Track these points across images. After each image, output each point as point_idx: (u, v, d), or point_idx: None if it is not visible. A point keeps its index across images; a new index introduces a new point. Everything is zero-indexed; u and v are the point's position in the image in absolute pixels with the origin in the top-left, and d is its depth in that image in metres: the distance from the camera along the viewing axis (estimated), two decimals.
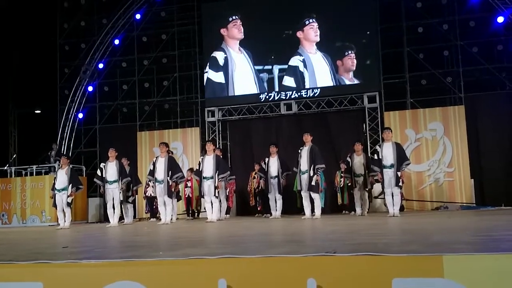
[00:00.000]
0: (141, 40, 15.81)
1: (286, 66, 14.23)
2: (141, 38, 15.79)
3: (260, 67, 14.48)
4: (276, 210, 10.81)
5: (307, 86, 14.03)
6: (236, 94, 14.61)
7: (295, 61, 14.16)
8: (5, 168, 14.90)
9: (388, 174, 9.17)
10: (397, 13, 13.99)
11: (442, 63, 13.97)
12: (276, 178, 10.79)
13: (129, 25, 15.72)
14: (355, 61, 13.71)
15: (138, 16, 15.56)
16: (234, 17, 14.69)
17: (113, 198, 10.62)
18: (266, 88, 14.37)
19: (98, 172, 10.93)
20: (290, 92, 14.13)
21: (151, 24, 15.76)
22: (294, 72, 14.15)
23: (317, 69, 14.06)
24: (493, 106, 13.09)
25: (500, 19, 13.05)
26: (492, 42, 13.54)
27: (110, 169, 10.68)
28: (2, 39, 15.95)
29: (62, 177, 10.61)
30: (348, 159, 10.86)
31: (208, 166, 10.05)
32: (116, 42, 15.76)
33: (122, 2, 15.62)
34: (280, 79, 14.27)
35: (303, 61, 14.11)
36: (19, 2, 16.07)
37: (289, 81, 14.21)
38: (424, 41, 13.82)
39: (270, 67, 14.43)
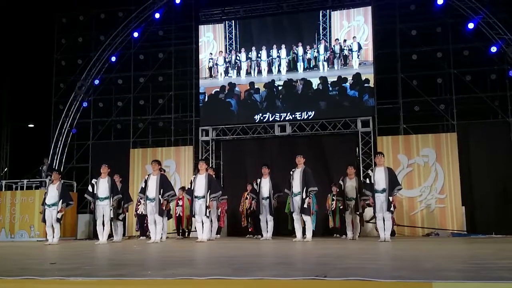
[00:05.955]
0: (138, 58, 15.88)
1: (281, 82, 14.37)
2: (138, 56, 15.86)
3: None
4: (267, 231, 10.76)
5: (300, 105, 14.13)
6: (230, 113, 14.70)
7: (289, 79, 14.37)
8: None
9: (380, 198, 9.18)
10: (392, 40, 14.16)
11: (435, 90, 14.12)
12: (268, 199, 10.78)
13: (126, 42, 15.79)
14: None
15: (136, 34, 15.62)
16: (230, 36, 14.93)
17: (103, 215, 10.54)
18: (260, 107, 14.46)
19: (89, 188, 10.85)
20: (285, 114, 14.20)
21: (149, 42, 15.85)
22: (288, 90, 14.30)
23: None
24: (485, 134, 13.20)
25: (494, 49, 13.26)
26: (486, 71, 13.73)
27: (102, 186, 10.60)
28: None
29: (53, 192, 10.53)
30: (341, 182, 10.88)
31: (200, 185, 10.01)
32: (113, 59, 15.81)
33: (121, 20, 15.74)
34: (274, 98, 14.39)
35: (297, 81, 14.24)
36: (17, 16, 16.15)
37: (283, 99, 14.36)
38: (418, 68, 13.97)
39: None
